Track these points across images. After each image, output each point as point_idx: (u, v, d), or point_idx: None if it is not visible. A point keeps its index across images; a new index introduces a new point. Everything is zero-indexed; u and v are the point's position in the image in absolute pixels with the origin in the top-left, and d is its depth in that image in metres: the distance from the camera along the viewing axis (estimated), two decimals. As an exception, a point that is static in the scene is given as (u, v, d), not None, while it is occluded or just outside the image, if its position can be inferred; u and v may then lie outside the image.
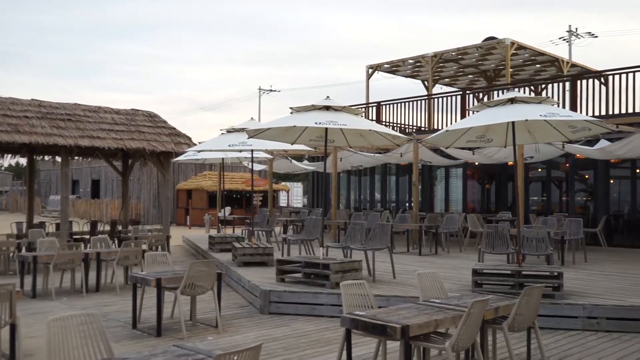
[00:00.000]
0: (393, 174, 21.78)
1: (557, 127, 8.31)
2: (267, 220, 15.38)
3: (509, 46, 17.99)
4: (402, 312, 4.83)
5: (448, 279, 9.15)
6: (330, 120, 8.18)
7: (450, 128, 8.36)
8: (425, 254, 13.33)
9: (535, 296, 5.37)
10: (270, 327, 7.48)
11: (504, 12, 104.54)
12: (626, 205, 16.01)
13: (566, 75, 18.56)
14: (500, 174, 18.63)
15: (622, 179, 16.29)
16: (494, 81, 22.36)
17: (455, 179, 20.18)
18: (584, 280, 9.34)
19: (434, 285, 5.88)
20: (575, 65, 21.39)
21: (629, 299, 7.70)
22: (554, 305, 7.37)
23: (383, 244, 9.92)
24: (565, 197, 17.23)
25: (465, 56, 20.11)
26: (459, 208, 19.66)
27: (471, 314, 4.49)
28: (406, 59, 20.85)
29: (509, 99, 7.81)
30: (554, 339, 6.81)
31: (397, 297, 7.76)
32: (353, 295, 5.14)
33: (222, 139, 11.65)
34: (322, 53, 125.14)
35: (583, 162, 16.27)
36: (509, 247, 9.76)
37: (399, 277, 9.49)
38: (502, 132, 8.69)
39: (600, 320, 7.24)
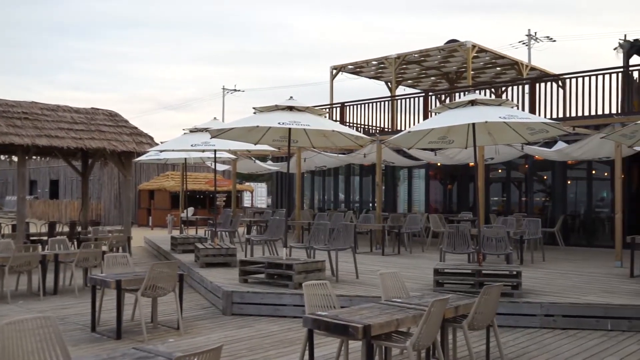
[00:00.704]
0: (357, 174, 21.90)
1: (516, 128, 8.49)
2: (230, 220, 15.28)
3: (470, 49, 18.29)
4: (364, 312, 4.86)
5: (410, 278, 9.25)
6: (293, 121, 8.18)
7: (412, 129, 8.46)
8: (388, 254, 13.44)
9: (494, 295, 5.47)
10: (233, 328, 7.43)
11: (466, 15, 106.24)
12: (582, 206, 16.44)
13: (525, 79, 18.97)
14: (461, 175, 18.92)
15: (579, 180, 16.72)
16: (455, 83, 22.70)
17: (418, 180, 20.41)
18: (542, 278, 9.55)
19: (395, 284, 5.94)
20: (534, 69, 21.89)
21: (584, 296, 7.91)
22: (512, 304, 7.52)
23: (346, 244, 9.96)
24: (525, 198, 17.59)
25: (428, 58, 20.37)
26: (421, 208, 19.88)
27: (431, 313, 4.55)
28: (370, 60, 21.00)
29: (470, 100, 7.93)
30: (512, 337, 6.95)
31: (360, 297, 7.81)
32: (315, 295, 5.16)
33: (185, 138, 11.53)
34: (287, 53, 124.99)
35: (541, 164, 16.64)
36: (469, 247, 9.91)
37: (362, 277, 9.55)
38: (463, 134, 8.82)
39: (557, 318, 7.41)
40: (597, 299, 7.76)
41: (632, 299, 7.74)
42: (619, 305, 7.39)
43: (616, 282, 9.29)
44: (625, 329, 7.20)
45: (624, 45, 16.54)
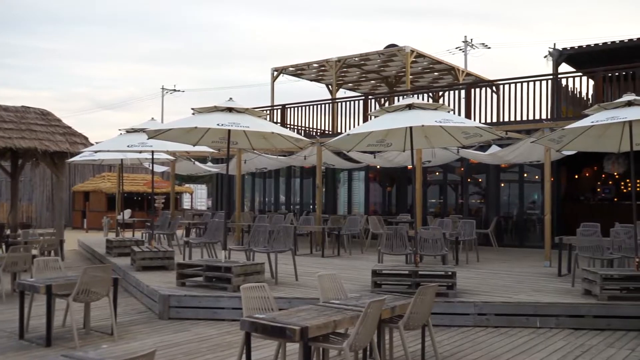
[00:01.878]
0: (297, 176, 21.93)
1: (451, 132, 8.71)
2: (168, 223, 15.00)
3: (408, 54, 18.65)
4: (302, 314, 4.88)
5: (349, 279, 9.34)
6: (232, 122, 8.13)
7: (351, 132, 8.55)
8: (327, 256, 13.52)
9: (429, 295, 5.59)
10: (170, 332, 7.30)
11: (405, 19, 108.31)
12: (515, 208, 17.02)
13: (461, 84, 19.50)
14: (400, 177, 19.24)
15: (512, 183, 17.30)
16: (395, 87, 23.09)
17: (358, 182, 20.62)
18: (476, 278, 9.84)
19: (334, 286, 5.98)
20: (470, 74, 22.53)
21: (515, 295, 8.19)
22: (447, 304, 7.71)
23: (286, 246, 9.96)
24: (461, 200, 18.06)
25: (368, 62, 20.63)
26: (361, 210, 20.09)
27: (368, 314, 4.61)
28: (311, 63, 21.09)
29: (407, 104, 8.09)
30: (447, 336, 7.12)
31: (299, 298, 7.82)
32: (253, 298, 5.13)
33: (121, 139, 11.26)
34: (228, 54, 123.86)
35: (476, 167, 17.13)
36: (407, 248, 10.10)
37: (301, 279, 9.57)
38: (400, 137, 8.99)
39: (489, 317, 7.65)
40: (527, 297, 8.05)
41: (559, 297, 8.08)
42: (547, 304, 7.70)
43: (545, 281, 9.67)
44: (552, 326, 7.50)
45: (553, 53, 17.24)
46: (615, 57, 17.08)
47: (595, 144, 9.30)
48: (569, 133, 8.77)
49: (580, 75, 16.04)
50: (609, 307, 7.55)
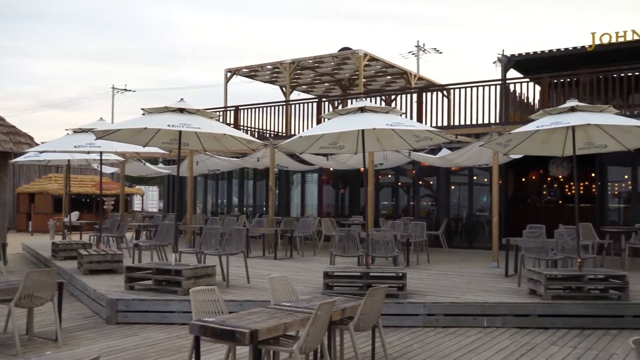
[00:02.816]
0: (250, 178, 21.82)
1: (402, 135, 8.82)
2: (117, 225, 14.68)
3: (362, 57, 18.79)
4: (252, 317, 4.85)
5: (301, 282, 9.35)
6: (183, 123, 8.02)
7: (303, 134, 8.57)
8: (280, 258, 13.49)
9: (379, 296, 5.64)
10: (118, 337, 7.14)
11: (360, 23, 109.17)
12: (464, 210, 17.36)
13: (413, 88, 19.77)
14: (353, 180, 19.37)
15: (462, 185, 17.65)
16: (348, 90, 23.23)
17: (311, 184, 20.66)
18: (426, 279, 9.99)
19: (285, 288, 5.96)
20: (422, 79, 22.87)
21: (463, 296, 8.36)
22: (398, 304, 7.80)
23: (238, 249, 9.89)
24: (412, 202, 18.31)
25: (322, 65, 20.69)
26: (314, 212, 20.13)
27: (318, 316, 4.62)
28: (265, 64, 21.02)
29: (359, 108, 8.16)
30: (397, 337, 7.20)
31: (250, 301, 7.77)
32: (203, 301, 5.07)
33: (68, 139, 10.97)
34: (181, 54, 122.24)
35: (427, 169, 17.40)
36: (359, 250, 10.17)
37: (253, 282, 9.52)
38: (353, 140, 9.05)
39: (438, 317, 7.78)
40: (475, 298, 8.23)
41: (506, 297, 8.28)
42: (494, 303, 7.88)
43: (492, 281, 9.90)
44: (499, 325, 7.68)
45: (502, 59, 17.69)
46: (560, 64, 17.67)
47: (540, 148, 9.58)
48: (515, 137, 9.01)
49: (528, 81, 16.50)
50: (552, 306, 7.79)
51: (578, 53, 16.88)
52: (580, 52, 16.76)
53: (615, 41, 16.14)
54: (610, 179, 15.45)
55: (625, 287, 7.96)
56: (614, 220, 15.25)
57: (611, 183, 15.57)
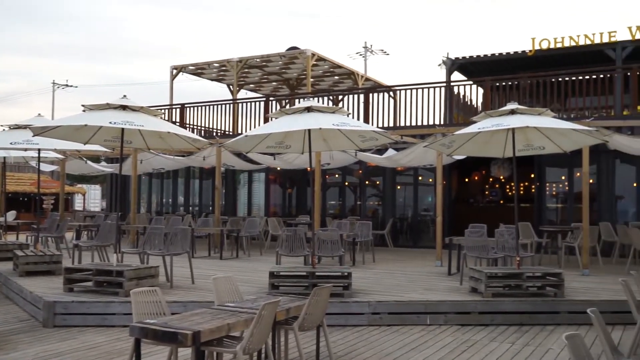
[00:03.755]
0: (197, 177, 21.53)
1: (348, 136, 8.88)
2: (57, 225, 14.21)
3: (309, 57, 18.84)
4: (195, 318, 4.78)
5: (247, 282, 9.29)
6: (126, 121, 7.83)
7: (249, 133, 8.51)
8: (226, 258, 13.36)
9: (324, 296, 5.66)
10: (55, 341, 6.91)
11: (308, 23, 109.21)
12: (410, 209, 17.64)
13: (361, 88, 19.96)
14: (300, 179, 19.39)
15: (407, 185, 17.92)
16: (296, 89, 23.24)
17: (258, 183, 20.55)
18: (371, 278, 10.09)
19: (229, 289, 5.90)
20: (369, 79, 23.11)
21: (407, 294, 8.49)
22: (343, 304, 7.85)
23: (183, 249, 9.73)
24: (359, 202, 18.46)
25: (270, 64, 20.63)
26: (261, 212, 20.04)
27: (262, 316, 4.59)
28: (211, 62, 20.80)
29: (306, 107, 8.16)
30: (342, 336, 7.24)
31: (194, 302, 7.66)
32: (144, 302, 4.96)
33: (4, 136, 10.57)
34: (126, 50, 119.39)
35: (374, 170, 17.59)
36: (305, 250, 10.18)
37: (197, 282, 9.39)
38: (299, 139, 9.05)
39: (383, 316, 7.87)
40: (418, 296, 8.36)
41: (448, 295, 8.46)
42: (437, 301, 8.03)
43: (435, 280, 10.09)
44: (441, 323, 7.84)
45: (446, 62, 18.06)
46: (502, 67, 18.18)
47: (482, 149, 9.83)
48: (458, 138, 9.21)
49: (471, 84, 16.92)
50: (492, 304, 8.00)
51: (519, 57, 17.41)
52: (521, 56, 17.29)
53: (553, 47, 16.72)
54: (548, 180, 16.00)
55: (561, 284, 8.25)
56: (551, 220, 15.80)
57: (549, 184, 16.13)
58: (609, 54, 16.17)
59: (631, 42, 15.88)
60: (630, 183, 14.82)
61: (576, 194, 14.58)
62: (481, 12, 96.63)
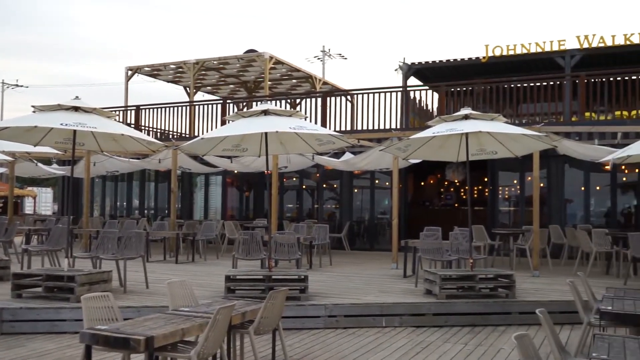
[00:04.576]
0: (152, 180, 21.21)
1: (305, 139, 8.90)
2: (5, 229, 13.77)
3: (267, 60, 18.81)
4: (148, 323, 4.70)
5: (202, 286, 9.20)
6: (78, 122, 7.66)
7: (205, 136, 8.44)
8: (182, 262, 13.20)
9: (280, 299, 5.65)
10: (2, 349, 6.69)
11: (267, 26, 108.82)
12: (367, 212, 17.78)
13: (318, 92, 20.03)
14: (258, 182, 19.31)
15: (364, 189, 18.06)
16: (254, 92, 23.17)
17: (215, 187, 20.39)
18: (328, 281, 10.13)
19: (184, 293, 5.84)
20: (326, 83, 23.21)
21: (363, 297, 8.55)
22: (299, 307, 7.85)
23: (137, 253, 9.57)
24: (316, 205, 18.51)
25: (227, 66, 20.51)
26: (218, 215, 19.88)
27: (217, 321, 4.56)
28: (168, 64, 20.55)
29: (263, 110, 8.14)
30: (298, 339, 7.24)
31: (149, 307, 7.54)
32: (96, 308, 4.86)
33: (-52, 137, 10.15)
34: (79, 50, 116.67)
35: (331, 173, 17.67)
36: (262, 253, 10.15)
37: (152, 287, 9.24)
38: (256, 142, 9.02)
39: (339, 318, 7.90)
40: (374, 298, 8.44)
41: (403, 297, 8.56)
42: (392, 304, 8.12)
43: (391, 282, 10.20)
44: (397, 325, 7.92)
45: (403, 67, 18.30)
46: (457, 73, 18.55)
47: (437, 153, 9.99)
48: (413, 143, 9.34)
49: (427, 89, 17.20)
50: (446, 305, 8.14)
51: (473, 63, 17.79)
52: (475, 62, 17.68)
53: (506, 54, 17.14)
54: (501, 184, 16.38)
55: (512, 285, 8.45)
56: (504, 223, 16.18)
57: (502, 187, 16.51)
58: (558, 61, 16.68)
59: (579, 50, 16.42)
60: (579, 187, 15.31)
61: (527, 198, 14.97)
62: (437, 19, 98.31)
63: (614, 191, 15.13)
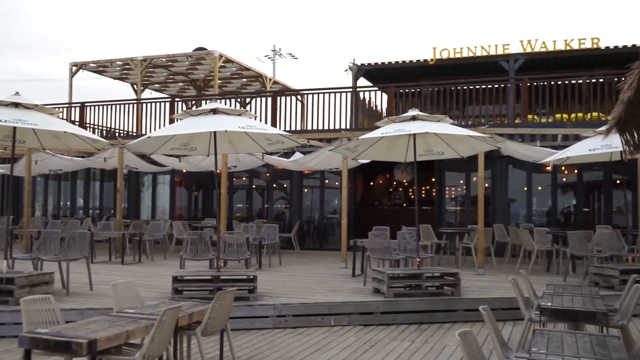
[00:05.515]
0: (98, 179, 20.69)
1: (255, 138, 8.87)
2: (-61, 230, 13.17)
3: (217, 58, 18.62)
4: (92, 326, 4.59)
5: (149, 287, 9.04)
6: (18, 119, 7.41)
7: (152, 135, 8.31)
8: (128, 263, 12.93)
9: (228, 300, 5.62)
10: None
11: (217, 24, 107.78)
12: (316, 212, 17.83)
13: (268, 91, 19.98)
14: (207, 182, 19.10)
15: (314, 188, 18.11)
16: (203, 91, 22.90)
17: (163, 186, 20.05)
18: (277, 281, 10.11)
19: (130, 294, 5.73)
20: (277, 83, 23.16)
21: (312, 296, 8.58)
22: (248, 307, 7.82)
23: (81, 254, 9.33)
24: (266, 205, 18.45)
25: (176, 64, 20.20)
26: (166, 215, 19.56)
27: (163, 322, 4.49)
28: (114, 60, 20.08)
29: (212, 109, 8.07)
30: (247, 339, 7.21)
31: (93, 309, 7.36)
32: (36, 311, 4.71)
33: None
34: (20, 43, 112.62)
35: (281, 173, 17.64)
36: (211, 253, 10.05)
37: (96, 289, 9.02)
38: (205, 141, 8.94)
39: (288, 318, 7.91)
40: (323, 298, 8.48)
41: (352, 296, 8.64)
42: (341, 303, 8.18)
43: (340, 281, 10.27)
44: (345, 324, 7.99)
45: (352, 68, 18.44)
46: (406, 74, 18.82)
47: (385, 153, 10.12)
48: (362, 143, 9.44)
49: (376, 90, 17.39)
50: (394, 304, 8.25)
51: (421, 65, 18.09)
52: (423, 65, 17.97)
53: (453, 56, 17.50)
54: (447, 184, 16.72)
55: (457, 283, 8.65)
56: (450, 222, 16.51)
57: (448, 187, 16.86)
58: (503, 65, 17.15)
59: (523, 54, 16.92)
60: (521, 187, 15.78)
61: (473, 197, 15.32)
62: (387, 21, 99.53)
63: (555, 191, 15.67)
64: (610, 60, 16.68)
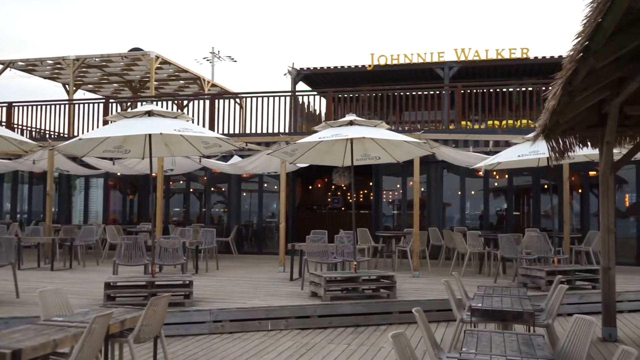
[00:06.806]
0: (26, 182, 19.87)
1: (191, 142, 8.75)
2: None
3: (153, 59, 18.27)
4: (16, 335, 4.40)
5: (80, 294, 8.76)
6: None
7: (84, 137, 8.07)
8: (58, 269, 12.47)
9: (162, 306, 5.51)
10: None
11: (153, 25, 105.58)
12: (255, 216, 17.74)
13: (207, 94, 19.74)
14: (143, 185, 18.68)
15: (252, 192, 18.01)
16: (139, 92, 22.40)
17: (96, 189, 19.47)
18: (214, 286, 9.99)
19: (58, 302, 5.53)
20: (215, 85, 22.94)
21: (249, 301, 8.53)
22: (183, 313, 7.69)
23: (7, 260, 8.93)
24: (204, 209, 18.21)
25: (110, 64, 19.68)
26: (99, 219, 18.99)
27: (93, 330, 4.35)
28: (45, 59, 19.37)
29: (147, 111, 7.92)
30: (182, 345, 7.09)
31: (18, 318, 7.06)
32: (-45, 321, 4.48)
33: None
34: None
35: (219, 176, 17.46)
36: (145, 258, 9.83)
37: (23, 296, 8.65)
38: (140, 144, 8.75)
39: (224, 323, 7.82)
40: (260, 302, 8.44)
41: (289, 300, 8.63)
42: (278, 307, 8.16)
43: (278, 285, 10.25)
44: (282, 328, 7.97)
45: (292, 72, 18.49)
46: (345, 79, 19.03)
47: (323, 157, 10.19)
48: (300, 147, 9.47)
49: (315, 94, 17.48)
50: (331, 307, 8.31)
51: (359, 71, 18.33)
52: (361, 70, 18.22)
53: (390, 63, 17.82)
54: (385, 188, 16.98)
55: (393, 286, 8.79)
56: (387, 226, 16.78)
57: (386, 191, 17.12)
58: (438, 72, 17.59)
59: (457, 62, 17.41)
60: (456, 191, 16.22)
61: (409, 201, 15.64)
62: (326, 25, 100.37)
63: (487, 195, 16.18)
64: (539, 70, 17.42)
